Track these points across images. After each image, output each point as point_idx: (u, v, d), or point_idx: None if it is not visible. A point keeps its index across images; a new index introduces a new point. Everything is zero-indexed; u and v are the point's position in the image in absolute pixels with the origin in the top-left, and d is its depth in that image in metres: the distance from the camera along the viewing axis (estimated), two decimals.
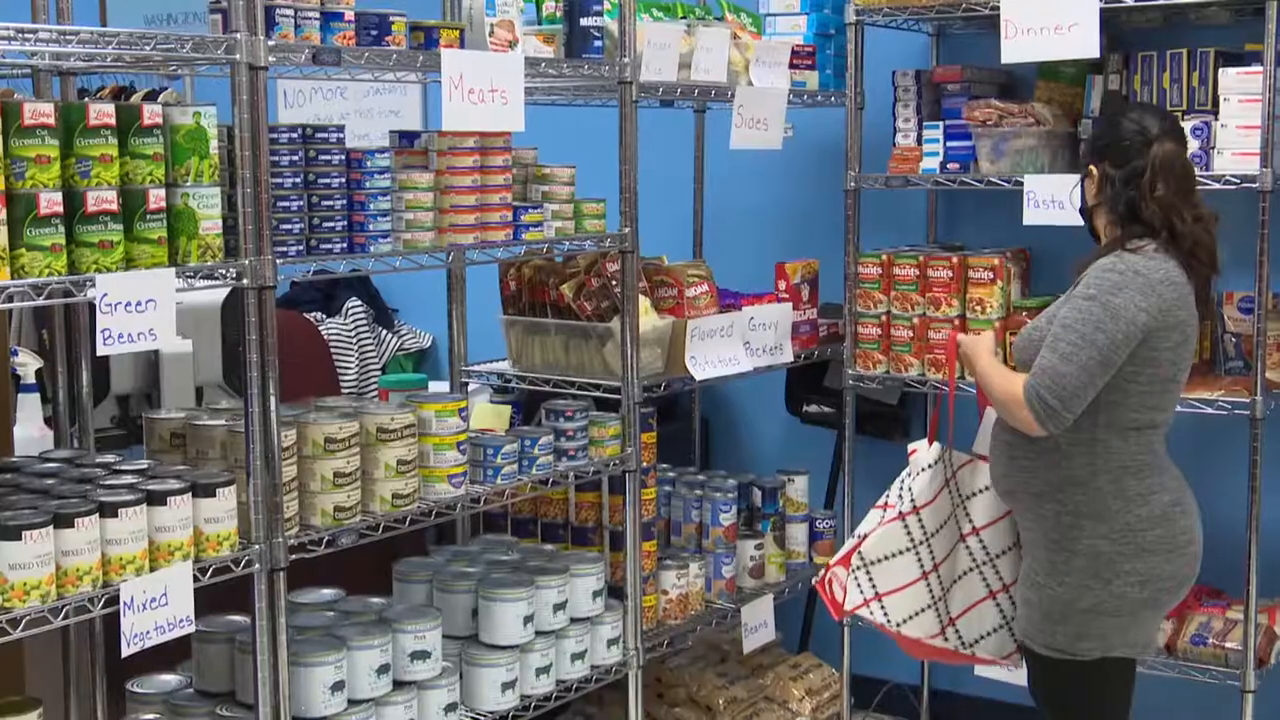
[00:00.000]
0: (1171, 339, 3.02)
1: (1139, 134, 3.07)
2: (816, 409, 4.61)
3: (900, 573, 3.38)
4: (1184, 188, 3.06)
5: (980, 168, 4.04)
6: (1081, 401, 2.99)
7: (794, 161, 4.64)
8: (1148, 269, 3.00)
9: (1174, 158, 3.05)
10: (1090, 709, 3.19)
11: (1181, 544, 3.08)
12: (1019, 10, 3.75)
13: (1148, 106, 3.41)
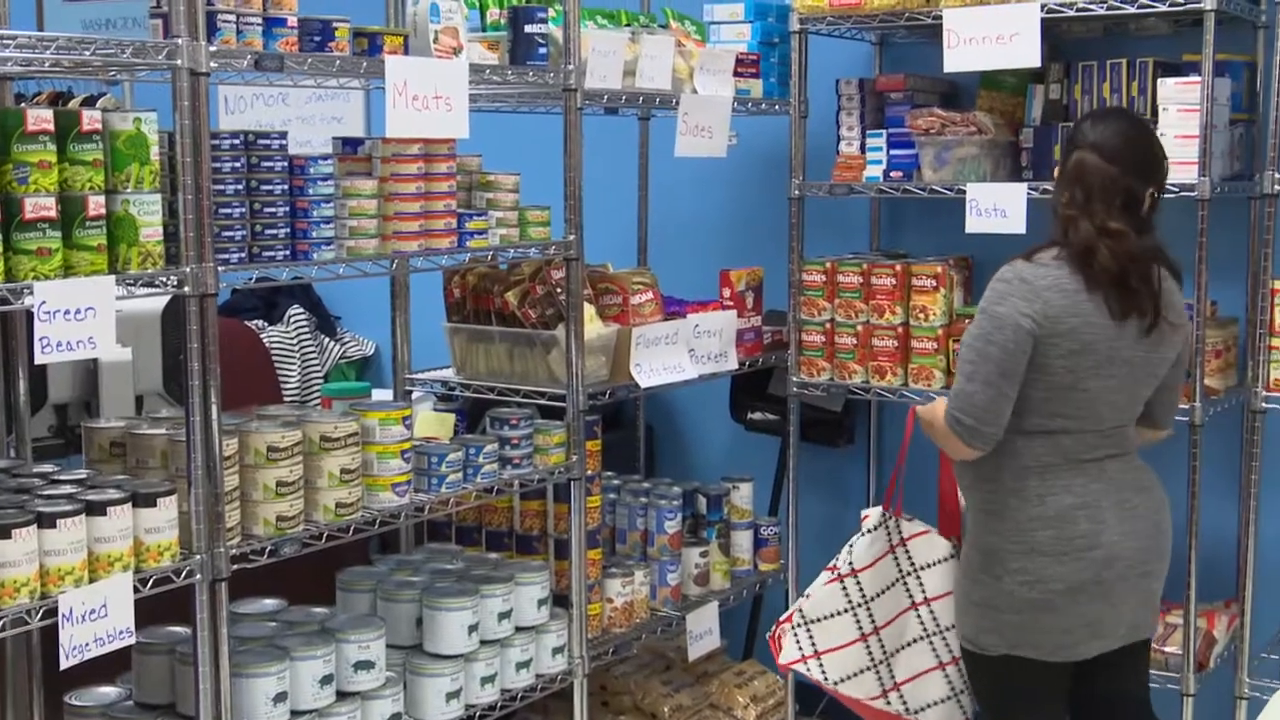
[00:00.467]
0: (1062, 347, 3.04)
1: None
2: (761, 416, 4.62)
3: (838, 633, 3.47)
4: (1097, 198, 3.05)
5: (923, 176, 4.06)
6: (996, 413, 3.06)
7: (738, 169, 4.65)
8: (1034, 276, 3.05)
9: (1087, 168, 3.07)
10: (1004, 705, 3.24)
11: (1078, 548, 3.08)
12: (961, 20, 3.77)
13: (1109, 113, 3.39)
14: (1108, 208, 3.05)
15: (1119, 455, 3.17)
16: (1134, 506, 3.15)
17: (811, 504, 4.60)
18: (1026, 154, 4.03)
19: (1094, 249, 3.03)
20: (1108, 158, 3.08)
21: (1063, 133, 3.92)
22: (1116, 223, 3.05)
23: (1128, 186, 3.08)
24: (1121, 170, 3.07)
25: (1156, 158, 3.17)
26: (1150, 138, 3.21)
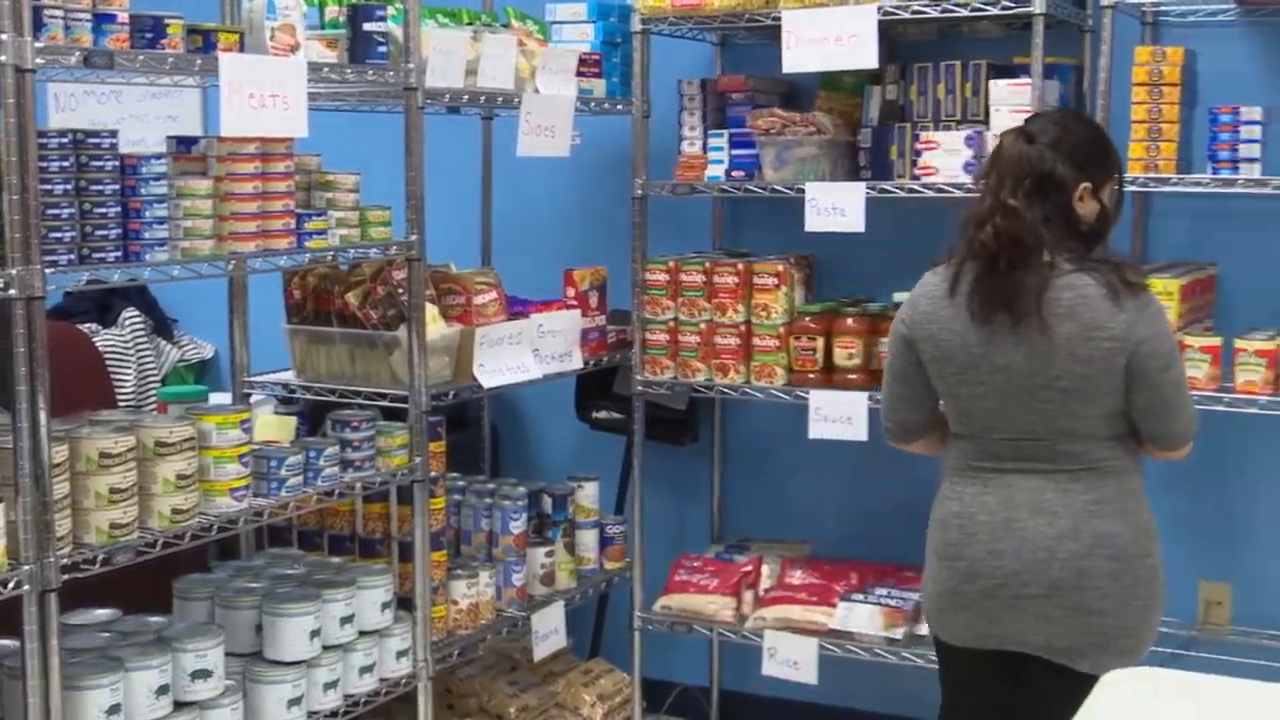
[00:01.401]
0: (927, 353, 3.05)
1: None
2: (606, 415, 4.63)
3: None
4: (1007, 175, 2.98)
5: (764, 175, 4.10)
6: (900, 415, 3.19)
7: (582, 169, 4.65)
8: (922, 282, 3.11)
9: (1004, 147, 3.01)
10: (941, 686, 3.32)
11: (945, 555, 3.08)
12: (800, 22, 3.82)
13: (1057, 109, 3.40)
14: (1015, 186, 2.94)
15: (1051, 471, 2.99)
16: (1022, 527, 2.99)
17: (657, 502, 4.62)
18: (864, 154, 4.09)
19: (983, 225, 2.95)
20: (1029, 138, 3.00)
21: (899, 133, 4.00)
22: (1015, 201, 2.93)
23: (1049, 171, 2.94)
24: (1043, 151, 2.96)
25: (1097, 150, 3.06)
26: (1094, 131, 3.14)
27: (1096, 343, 2.91)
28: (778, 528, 4.64)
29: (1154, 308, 2.97)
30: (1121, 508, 2.99)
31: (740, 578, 4.29)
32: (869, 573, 4.27)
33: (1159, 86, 3.69)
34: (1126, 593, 2.98)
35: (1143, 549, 3.00)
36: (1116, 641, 2.99)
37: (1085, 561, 2.96)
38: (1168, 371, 2.95)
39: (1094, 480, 2.99)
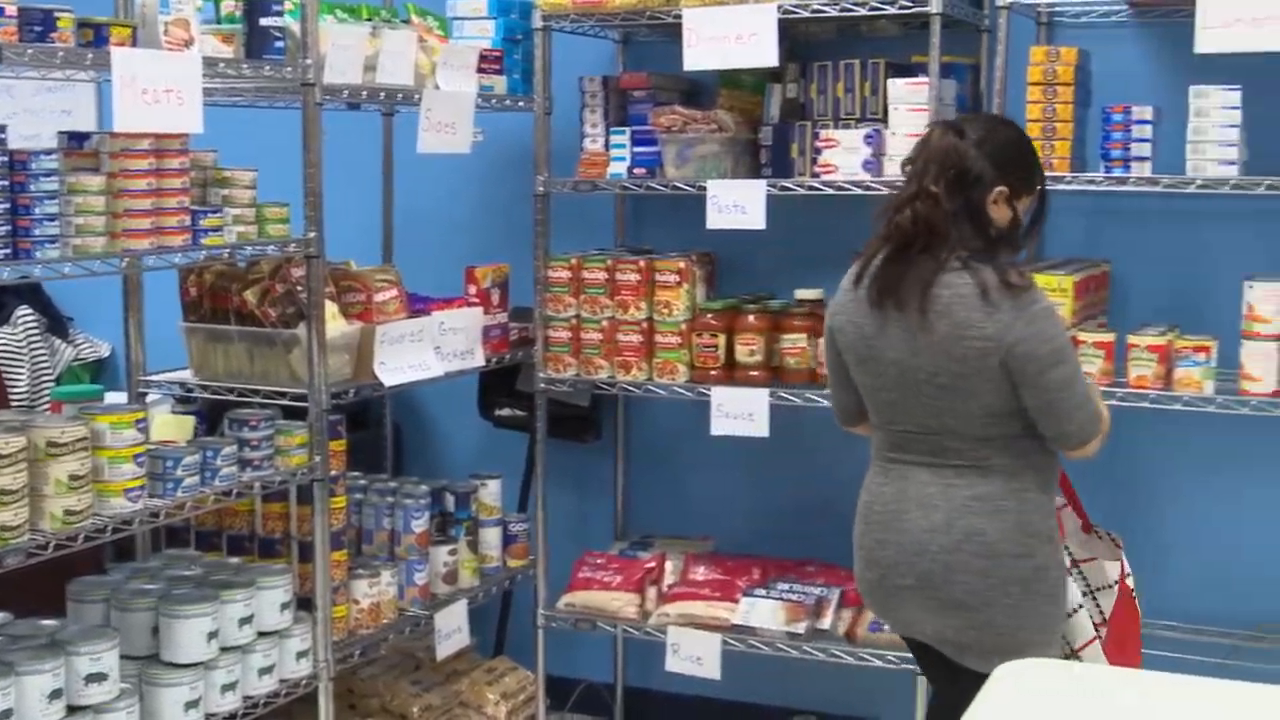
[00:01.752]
0: (840, 342, 3.14)
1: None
2: (509, 413, 4.62)
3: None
4: (933, 163, 3.03)
5: (666, 173, 4.11)
6: (836, 402, 3.30)
7: (484, 165, 4.64)
8: (847, 273, 3.16)
9: (932, 137, 3.09)
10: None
11: (855, 543, 3.19)
12: (701, 20, 3.83)
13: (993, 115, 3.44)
14: (938, 175, 2.99)
15: (940, 465, 3.04)
16: (907, 518, 3.05)
17: (560, 500, 4.63)
18: (765, 151, 4.11)
19: (902, 209, 3.00)
20: (958, 132, 3.05)
21: (799, 131, 4.03)
22: (938, 188, 2.98)
23: (970, 166, 2.99)
24: (969, 147, 3.01)
25: (1021, 159, 3.10)
26: (1022, 141, 3.16)
27: (969, 342, 2.93)
28: (681, 524, 4.66)
29: (1035, 309, 2.94)
30: (999, 506, 3.00)
31: (644, 574, 4.30)
32: (771, 568, 4.30)
33: (1053, 86, 3.74)
34: (994, 590, 3.00)
35: (1021, 549, 3.00)
36: (991, 639, 3.03)
37: (953, 556, 3.01)
38: (1049, 373, 2.94)
39: (975, 478, 3.02)
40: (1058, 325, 3.00)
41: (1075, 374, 3.00)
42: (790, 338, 4.02)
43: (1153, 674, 2.69)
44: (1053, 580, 3.07)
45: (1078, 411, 2.98)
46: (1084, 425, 3.00)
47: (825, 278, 4.22)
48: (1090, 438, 3.02)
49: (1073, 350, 3.04)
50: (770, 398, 3.95)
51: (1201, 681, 2.66)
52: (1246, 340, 3.64)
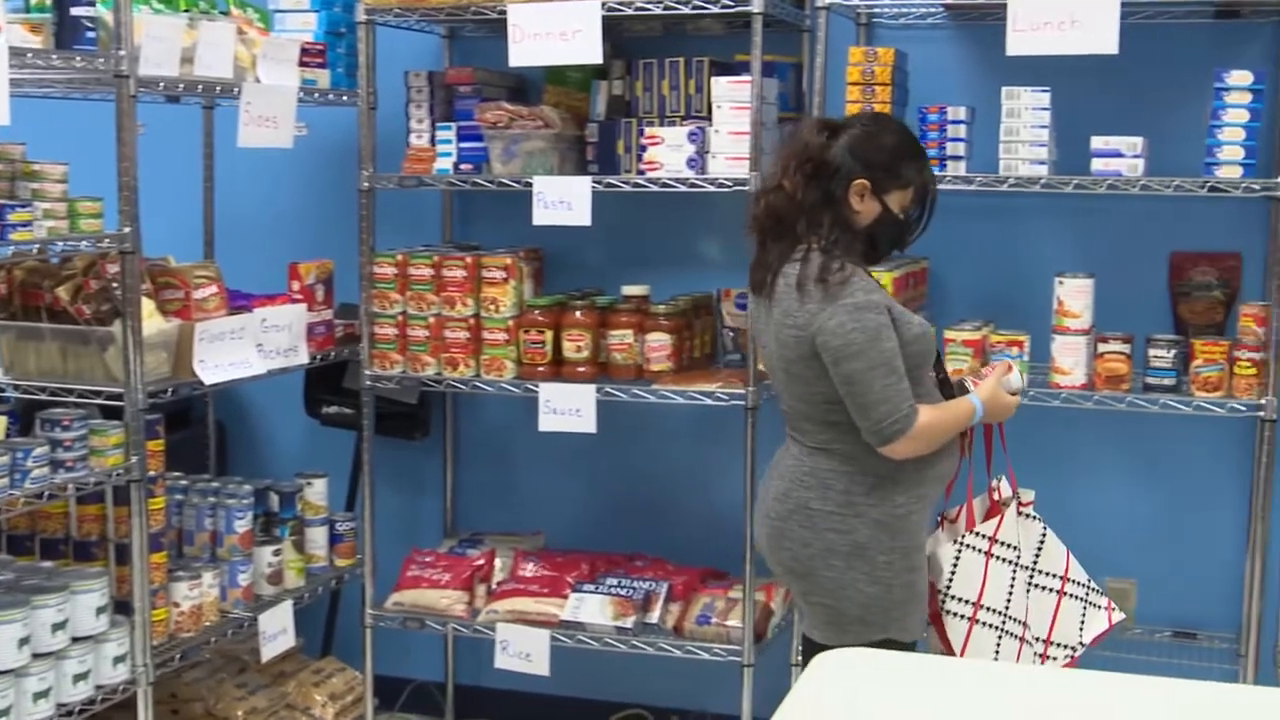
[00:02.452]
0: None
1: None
2: (336, 410, 4.57)
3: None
4: (791, 156, 3.18)
5: (493, 169, 4.10)
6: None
7: (308, 160, 4.58)
8: None
9: (798, 129, 3.28)
10: None
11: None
12: (526, 16, 3.83)
13: (865, 115, 3.45)
14: (795, 168, 3.11)
15: (796, 440, 3.26)
16: (768, 487, 3.31)
17: (389, 498, 4.59)
18: (592, 148, 4.12)
19: (758, 201, 3.17)
20: (829, 128, 3.17)
21: (625, 127, 4.05)
22: (788, 182, 3.11)
23: (825, 159, 3.11)
24: (826, 140, 3.12)
25: (894, 156, 3.15)
26: (900, 140, 3.20)
27: (788, 330, 3.12)
28: (511, 521, 4.65)
29: (841, 303, 3.03)
30: (827, 482, 3.17)
31: (472, 571, 4.28)
32: (601, 563, 4.31)
33: (872, 86, 3.81)
34: (816, 560, 3.19)
35: (843, 525, 3.15)
36: (820, 611, 3.22)
37: (784, 523, 3.23)
38: (840, 366, 3.05)
39: (821, 458, 3.20)
40: (861, 321, 3.03)
41: (868, 372, 3.03)
42: (617, 334, 4.04)
43: (968, 662, 2.77)
44: (879, 564, 3.15)
45: (870, 410, 3.06)
46: (878, 424, 3.06)
47: (652, 274, 4.27)
48: (888, 439, 3.06)
49: (876, 350, 3.03)
50: (598, 394, 3.96)
51: (1011, 668, 2.74)
52: (1057, 335, 3.75)
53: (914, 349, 3.12)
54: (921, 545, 3.24)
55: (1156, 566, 4.13)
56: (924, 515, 3.24)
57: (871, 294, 3.07)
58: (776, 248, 3.15)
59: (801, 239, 3.12)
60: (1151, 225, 4.02)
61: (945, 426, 3.16)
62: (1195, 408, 3.68)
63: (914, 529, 3.20)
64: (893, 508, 3.16)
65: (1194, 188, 3.58)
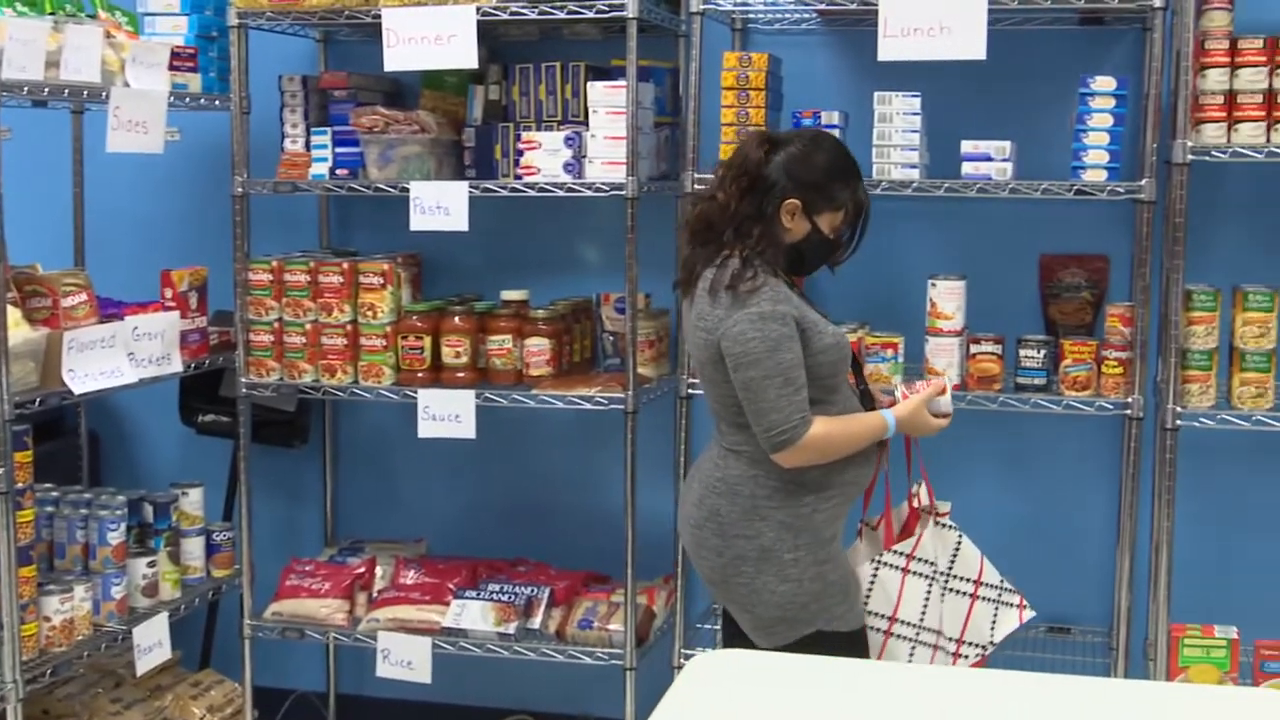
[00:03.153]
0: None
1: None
2: (213, 419, 4.51)
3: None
4: (732, 168, 3.23)
5: (369, 174, 4.07)
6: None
7: (181, 166, 4.52)
8: None
9: (741, 142, 3.31)
10: None
11: None
12: (400, 20, 3.81)
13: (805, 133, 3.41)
14: (732, 180, 3.16)
15: (716, 444, 3.29)
16: (688, 492, 3.35)
17: (268, 507, 4.54)
18: (469, 153, 4.11)
19: (694, 206, 3.26)
20: (762, 141, 3.20)
21: (503, 132, 4.04)
22: (724, 193, 3.16)
23: (762, 174, 3.15)
24: (765, 155, 3.16)
25: (828, 177, 3.19)
26: (837, 161, 3.22)
27: (699, 333, 3.18)
28: (393, 528, 4.63)
29: (749, 310, 3.08)
30: (735, 489, 3.22)
31: (353, 580, 4.25)
32: (483, 569, 4.30)
33: (746, 91, 3.83)
34: (730, 568, 3.23)
35: (750, 530, 3.19)
36: (745, 617, 3.26)
37: (700, 532, 3.28)
38: (737, 373, 3.10)
39: (732, 461, 3.24)
40: (763, 331, 3.07)
41: (762, 380, 3.08)
42: (496, 339, 4.03)
43: (846, 662, 2.80)
44: (786, 562, 3.19)
45: (762, 418, 3.11)
46: (768, 432, 3.11)
47: (531, 279, 4.27)
48: (778, 448, 3.11)
49: (773, 360, 3.06)
50: (477, 399, 3.95)
51: (889, 667, 2.78)
52: (930, 336, 3.81)
53: (826, 358, 3.16)
54: (830, 539, 3.25)
55: (1031, 563, 4.19)
56: (834, 514, 3.25)
57: (779, 304, 3.09)
58: (703, 252, 3.21)
59: (727, 246, 3.16)
60: (1022, 228, 4.09)
61: (844, 439, 3.18)
62: (1065, 407, 3.75)
63: (820, 525, 3.22)
64: (799, 507, 3.20)
65: (1061, 191, 3.65)
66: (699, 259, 3.21)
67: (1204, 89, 3.55)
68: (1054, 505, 4.20)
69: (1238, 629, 3.73)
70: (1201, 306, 3.62)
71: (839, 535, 3.30)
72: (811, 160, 3.19)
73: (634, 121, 3.78)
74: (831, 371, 3.20)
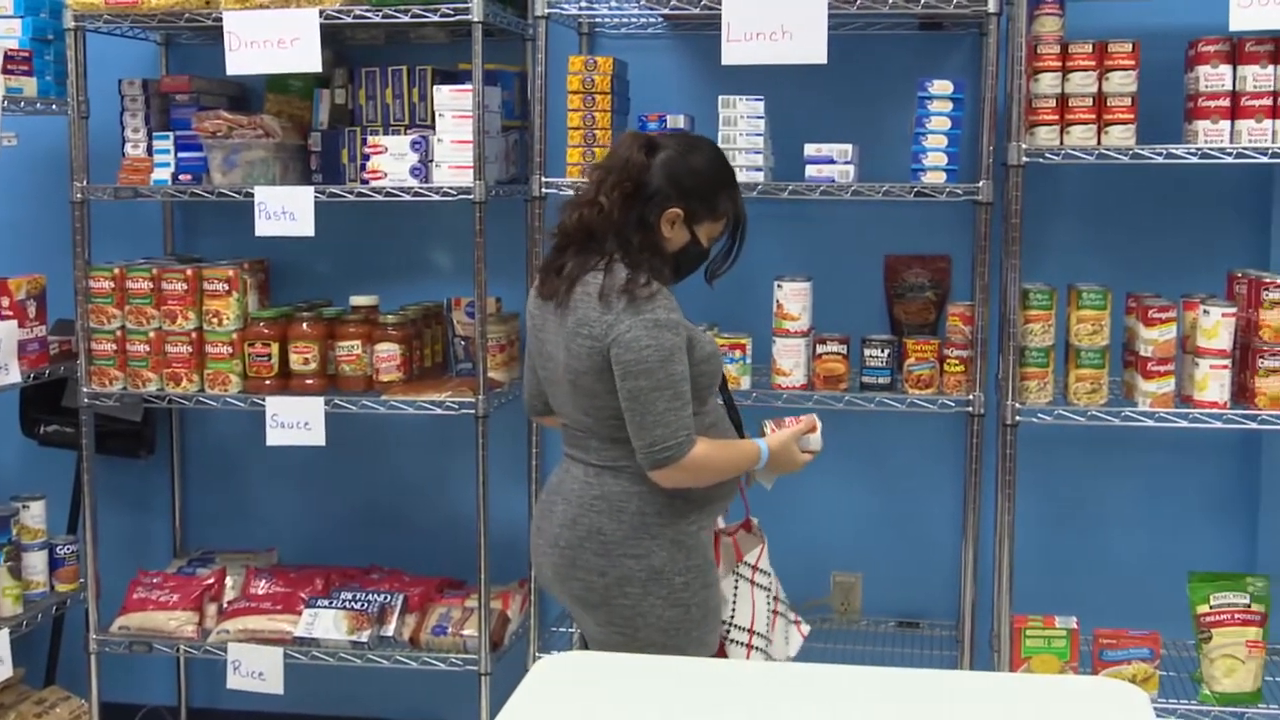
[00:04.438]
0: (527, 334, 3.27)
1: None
2: (55, 430, 4.41)
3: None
4: (612, 172, 3.08)
5: (213, 179, 4.01)
6: (525, 393, 3.37)
7: (18, 172, 4.41)
8: None
9: (619, 144, 3.14)
10: None
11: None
12: (241, 23, 3.76)
13: (682, 137, 3.31)
14: (614, 186, 3.03)
15: (581, 461, 3.13)
16: (552, 511, 3.16)
17: (113, 518, 4.45)
18: (315, 157, 4.08)
19: (572, 212, 3.08)
20: (649, 147, 3.07)
21: (349, 136, 4.01)
22: (606, 199, 3.03)
23: (645, 181, 3.04)
24: (650, 162, 3.05)
25: (707, 186, 3.10)
26: (714, 169, 3.13)
27: (582, 340, 3.00)
28: (244, 538, 4.56)
29: (645, 317, 2.94)
30: (620, 506, 3.06)
31: (202, 591, 4.18)
32: (336, 577, 4.26)
33: (592, 94, 3.84)
34: (612, 589, 3.06)
35: (639, 549, 3.05)
36: (616, 639, 3.08)
37: (575, 552, 3.09)
38: (626, 382, 2.95)
39: (608, 478, 3.08)
40: (658, 340, 2.94)
41: (652, 392, 2.94)
42: (346, 345, 3.99)
43: (694, 661, 2.82)
44: (677, 585, 3.06)
45: (646, 431, 2.96)
46: (651, 447, 2.96)
47: (380, 284, 4.25)
48: (658, 464, 2.97)
49: (665, 371, 2.94)
50: (327, 406, 3.91)
51: (738, 665, 2.80)
52: (777, 337, 3.85)
53: (704, 369, 3.07)
54: (713, 561, 3.17)
55: (881, 559, 4.28)
56: (710, 533, 3.20)
57: (672, 313, 2.99)
58: (579, 259, 3.06)
59: (607, 253, 3.04)
60: (867, 229, 4.16)
61: (721, 464, 3.09)
62: (909, 405, 3.82)
63: (705, 546, 3.14)
64: (686, 525, 3.09)
65: (902, 193, 3.72)
66: (575, 266, 3.05)
67: (1037, 93, 3.63)
68: (902, 503, 4.27)
69: (1078, 619, 3.82)
70: (1038, 305, 3.70)
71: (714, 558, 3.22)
72: (693, 166, 3.09)
73: (480, 125, 3.77)
74: (709, 383, 3.11)
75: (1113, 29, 3.71)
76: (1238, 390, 3.65)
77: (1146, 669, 3.73)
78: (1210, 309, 3.58)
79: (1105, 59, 3.61)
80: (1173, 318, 3.60)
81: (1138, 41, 3.61)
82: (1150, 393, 3.61)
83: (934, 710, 2.37)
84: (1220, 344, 3.57)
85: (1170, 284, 3.79)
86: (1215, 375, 3.58)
